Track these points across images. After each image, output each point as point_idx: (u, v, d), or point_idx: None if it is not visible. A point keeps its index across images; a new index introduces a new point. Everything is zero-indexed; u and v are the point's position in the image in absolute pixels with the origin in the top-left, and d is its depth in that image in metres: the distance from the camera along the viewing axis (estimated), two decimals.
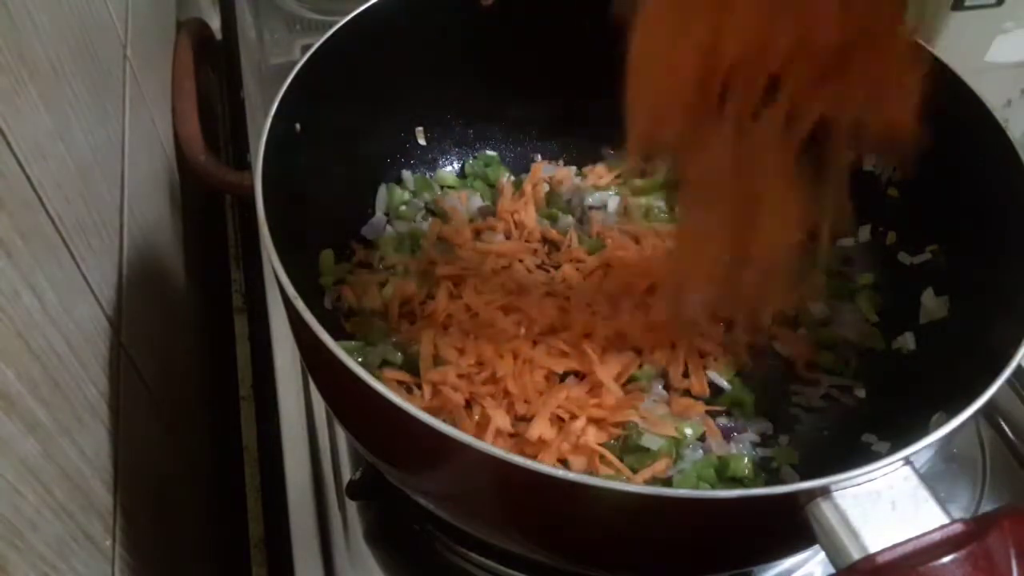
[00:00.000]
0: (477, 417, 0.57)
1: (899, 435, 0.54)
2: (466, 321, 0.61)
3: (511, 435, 0.56)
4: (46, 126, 0.45)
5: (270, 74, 0.92)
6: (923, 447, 0.38)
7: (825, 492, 0.37)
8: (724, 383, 0.62)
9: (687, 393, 0.62)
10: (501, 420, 0.55)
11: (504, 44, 0.68)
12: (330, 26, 0.58)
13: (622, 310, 0.63)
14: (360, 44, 0.60)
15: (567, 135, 0.77)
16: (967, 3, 0.82)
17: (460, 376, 0.58)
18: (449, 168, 0.76)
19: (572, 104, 0.76)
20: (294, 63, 0.55)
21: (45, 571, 0.37)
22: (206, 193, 0.90)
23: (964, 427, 0.40)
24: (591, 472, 0.54)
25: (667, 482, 0.56)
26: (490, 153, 0.76)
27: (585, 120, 0.77)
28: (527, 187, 0.73)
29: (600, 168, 0.76)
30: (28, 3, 0.44)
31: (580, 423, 0.56)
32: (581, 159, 0.77)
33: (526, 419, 0.57)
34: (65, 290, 0.44)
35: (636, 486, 0.36)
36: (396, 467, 0.49)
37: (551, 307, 0.63)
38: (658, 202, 0.73)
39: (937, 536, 0.35)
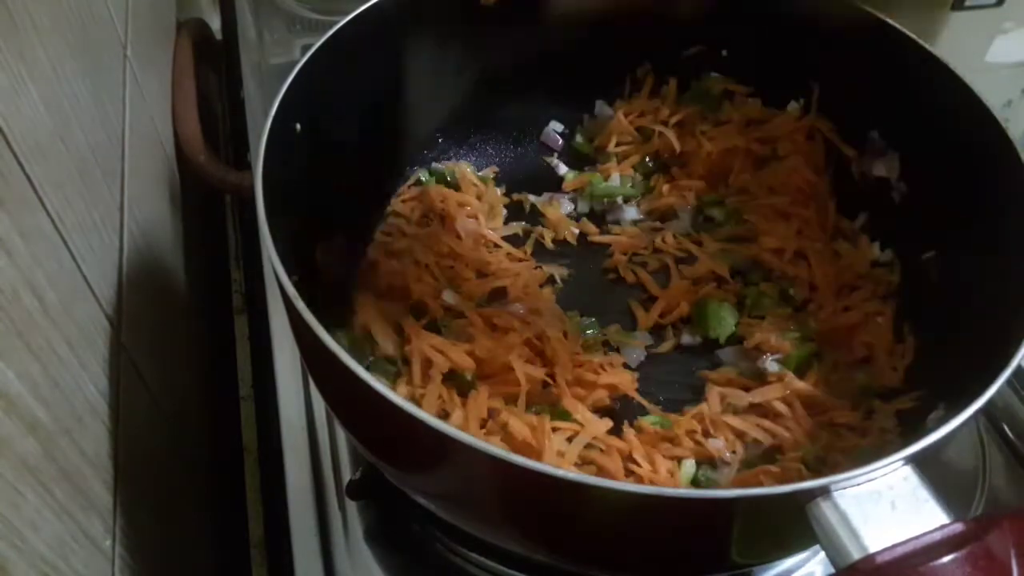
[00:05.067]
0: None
1: (899, 435, 0.55)
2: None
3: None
4: (46, 126, 0.45)
5: (270, 74, 0.91)
6: (923, 447, 0.38)
7: (825, 492, 0.37)
8: None
9: None
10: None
11: (504, 44, 0.69)
12: (330, 26, 0.58)
13: None
14: (360, 44, 0.60)
15: (568, 135, 0.78)
16: (967, 3, 0.82)
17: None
18: None
19: (573, 104, 0.76)
20: (294, 63, 0.55)
21: (45, 571, 0.37)
22: (206, 193, 0.90)
23: (964, 427, 0.40)
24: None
25: None
26: (490, 151, 0.76)
27: (584, 120, 0.78)
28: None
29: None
30: (28, 3, 0.44)
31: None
32: (581, 159, 0.77)
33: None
34: (65, 290, 0.44)
35: (636, 486, 0.36)
36: (396, 467, 0.49)
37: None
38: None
39: (937, 536, 0.35)
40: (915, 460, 0.38)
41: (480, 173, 0.74)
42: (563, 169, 0.76)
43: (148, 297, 0.61)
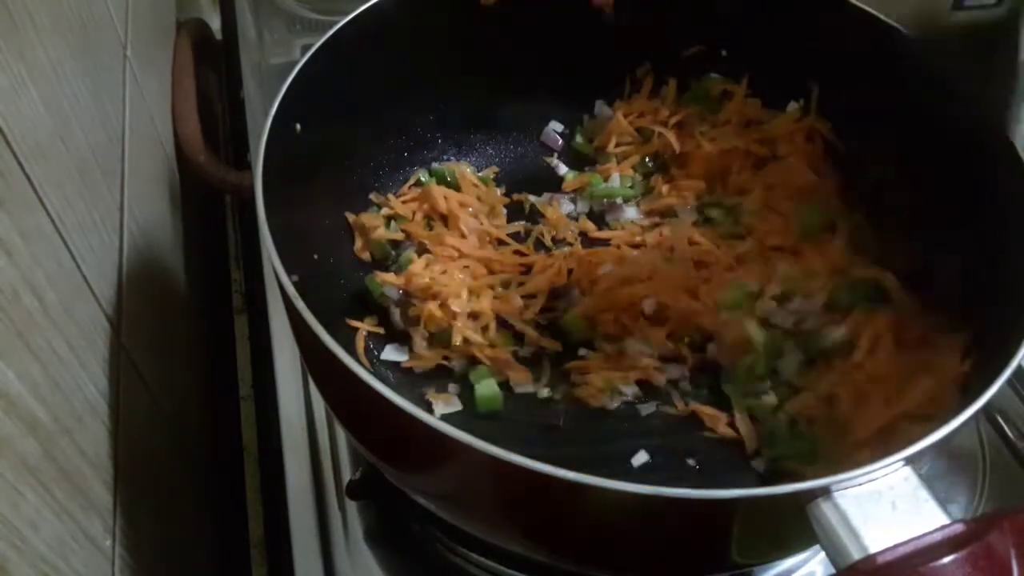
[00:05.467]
0: None
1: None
2: None
3: None
4: (46, 126, 0.45)
5: (270, 74, 0.92)
6: (923, 447, 0.38)
7: (826, 492, 0.37)
8: None
9: None
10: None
11: (505, 43, 0.69)
12: (330, 26, 0.58)
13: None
14: (360, 44, 0.60)
15: (568, 135, 0.78)
16: (967, 3, 0.82)
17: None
18: None
19: (573, 104, 0.76)
20: (294, 63, 0.55)
21: (45, 571, 0.37)
22: (206, 193, 0.90)
23: (964, 427, 0.40)
24: None
25: None
26: (489, 151, 0.76)
27: (584, 120, 0.77)
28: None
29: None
30: (28, 3, 0.44)
31: None
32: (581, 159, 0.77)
33: None
34: (65, 290, 0.44)
35: (636, 486, 0.36)
36: (396, 467, 0.49)
37: None
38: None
39: (938, 536, 0.35)
40: (915, 460, 0.38)
41: (480, 173, 0.74)
42: (563, 169, 0.76)
43: (148, 297, 0.61)
